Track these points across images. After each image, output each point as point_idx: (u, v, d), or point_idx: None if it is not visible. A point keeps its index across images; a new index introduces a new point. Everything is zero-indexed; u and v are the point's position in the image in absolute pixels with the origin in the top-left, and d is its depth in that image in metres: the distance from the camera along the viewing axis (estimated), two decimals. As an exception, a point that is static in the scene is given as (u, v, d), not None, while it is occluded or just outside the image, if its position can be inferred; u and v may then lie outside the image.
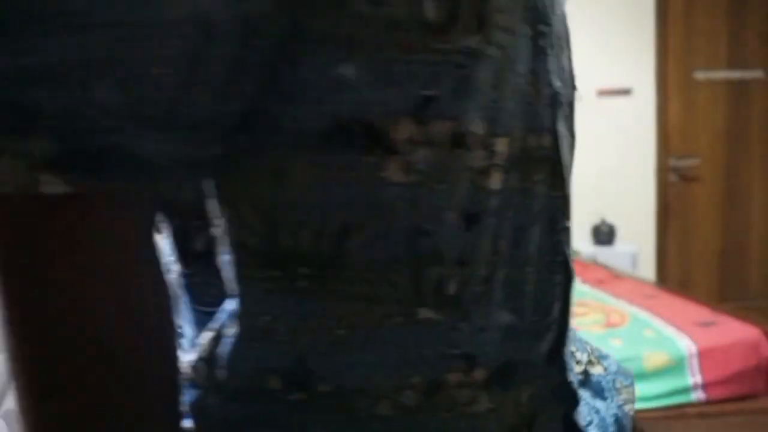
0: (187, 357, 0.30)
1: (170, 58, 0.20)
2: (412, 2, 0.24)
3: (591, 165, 3.40)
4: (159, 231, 0.29)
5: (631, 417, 0.40)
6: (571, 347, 0.35)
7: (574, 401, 0.34)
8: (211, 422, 0.29)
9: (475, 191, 0.27)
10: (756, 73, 3.32)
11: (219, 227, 0.28)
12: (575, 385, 0.34)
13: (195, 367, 0.29)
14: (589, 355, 0.40)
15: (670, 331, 1.57)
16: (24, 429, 0.23)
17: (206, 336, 0.30)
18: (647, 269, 3.33)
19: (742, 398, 1.46)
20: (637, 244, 3.26)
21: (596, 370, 0.40)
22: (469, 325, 0.28)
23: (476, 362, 0.29)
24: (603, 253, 3.15)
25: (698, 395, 1.44)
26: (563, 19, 0.33)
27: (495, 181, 0.28)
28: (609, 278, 2.38)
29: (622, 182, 3.42)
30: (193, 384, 0.29)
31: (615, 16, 3.33)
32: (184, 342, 0.32)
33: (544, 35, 0.29)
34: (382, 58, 0.24)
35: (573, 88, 0.34)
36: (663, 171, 3.38)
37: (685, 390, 1.44)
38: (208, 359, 0.29)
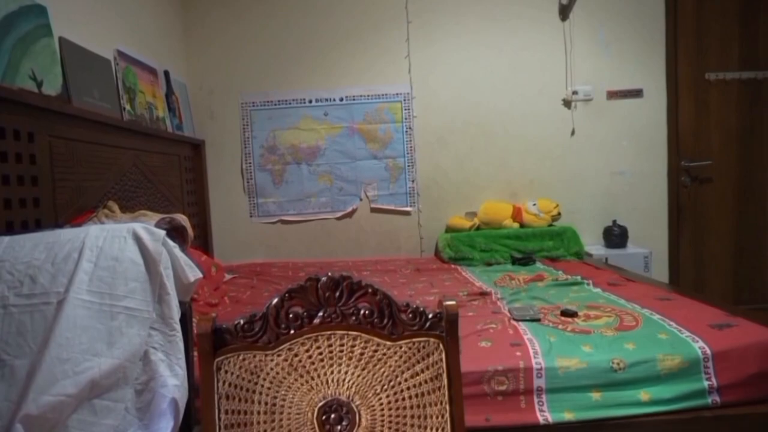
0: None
1: None
2: None
3: (602, 167, 3.39)
4: None
5: None
6: None
7: None
8: None
9: None
10: (769, 73, 3.29)
11: None
12: None
13: None
14: None
15: (684, 334, 1.55)
16: None
17: None
18: (660, 271, 3.30)
19: (757, 401, 1.45)
20: (650, 246, 3.23)
21: None
22: None
23: None
24: (615, 256, 3.13)
25: (713, 398, 1.43)
26: None
27: None
28: (621, 281, 2.37)
29: (634, 184, 3.40)
30: None
31: (625, 16, 3.32)
32: None
33: None
34: None
35: None
36: (675, 172, 3.35)
37: (700, 393, 1.43)
38: None
